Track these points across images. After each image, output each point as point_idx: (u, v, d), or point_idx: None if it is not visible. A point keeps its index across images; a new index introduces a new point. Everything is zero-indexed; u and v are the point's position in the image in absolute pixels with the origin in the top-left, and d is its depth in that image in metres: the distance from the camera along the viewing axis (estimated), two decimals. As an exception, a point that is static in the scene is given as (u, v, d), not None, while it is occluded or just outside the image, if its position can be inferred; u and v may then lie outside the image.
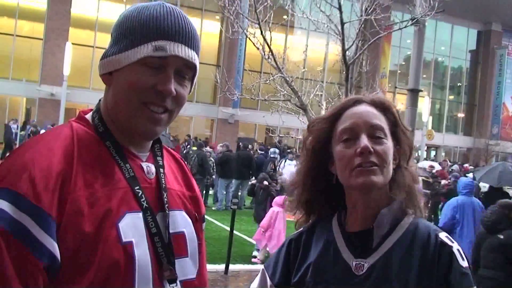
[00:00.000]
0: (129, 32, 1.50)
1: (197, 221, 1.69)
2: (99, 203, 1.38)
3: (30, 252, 1.25)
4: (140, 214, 1.46)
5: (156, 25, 1.48)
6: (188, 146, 24.82)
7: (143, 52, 1.46)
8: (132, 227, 1.42)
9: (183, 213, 1.63)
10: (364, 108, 1.74)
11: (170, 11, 1.51)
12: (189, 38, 1.51)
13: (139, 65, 1.47)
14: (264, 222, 11.11)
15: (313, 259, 1.76)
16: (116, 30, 1.54)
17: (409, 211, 1.73)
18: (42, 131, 23.44)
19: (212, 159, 18.50)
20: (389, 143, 1.70)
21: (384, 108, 1.75)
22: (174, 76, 1.50)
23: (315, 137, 1.81)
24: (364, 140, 1.66)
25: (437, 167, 24.31)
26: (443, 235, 1.68)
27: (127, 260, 1.38)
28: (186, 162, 1.86)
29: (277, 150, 22.43)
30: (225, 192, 18.19)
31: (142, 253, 1.42)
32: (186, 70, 1.54)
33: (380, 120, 1.72)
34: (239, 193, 18.15)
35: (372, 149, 1.65)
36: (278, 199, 11.53)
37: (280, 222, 11.01)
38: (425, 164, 22.81)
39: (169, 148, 1.80)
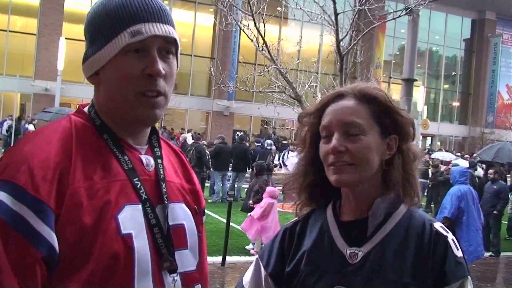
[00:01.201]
0: (102, 27, 1.49)
1: (197, 214, 1.69)
2: (98, 195, 1.38)
3: (29, 242, 1.26)
4: (139, 206, 1.46)
5: (126, 11, 1.47)
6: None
7: (121, 41, 1.45)
8: (131, 219, 1.42)
9: (183, 205, 1.62)
10: (343, 104, 1.72)
11: None
12: (161, 15, 1.50)
13: (122, 56, 1.46)
14: (258, 212, 11.12)
15: (307, 248, 1.76)
16: (89, 29, 1.54)
17: (404, 200, 1.73)
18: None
19: (208, 151, 18.51)
20: (368, 138, 1.67)
21: (367, 99, 1.72)
22: (158, 55, 1.48)
23: (308, 130, 1.82)
24: (335, 140, 1.66)
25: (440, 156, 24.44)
26: (437, 225, 1.69)
27: (126, 251, 1.38)
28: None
29: (269, 141, 22.46)
30: (221, 184, 18.22)
31: (141, 244, 1.42)
32: (168, 46, 1.52)
33: (357, 115, 1.69)
34: (236, 185, 18.18)
35: (343, 148, 1.65)
36: (271, 190, 11.55)
37: (275, 213, 11.02)
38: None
39: (170, 142, 1.80)
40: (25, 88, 29.87)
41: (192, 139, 20.42)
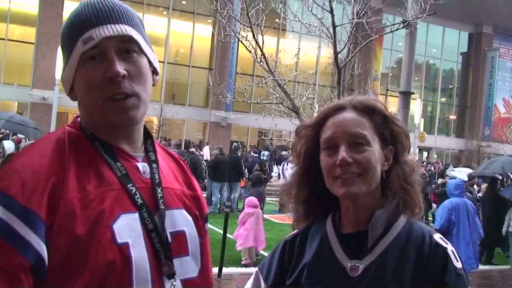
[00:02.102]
0: (64, 42, 1.52)
1: (199, 220, 1.68)
2: (92, 205, 1.38)
3: (15, 249, 1.26)
4: (136, 215, 1.45)
5: (78, 20, 1.48)
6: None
7: (77, 52, 1.45)
8: (127, 228, 1.41)
9: (183, 211, 1.61)
10: (345, 116, 1.72)
11: (88, 3, 1.51)
12: (114, 16, 1.48)
13: (83, 66, 1.46)
14: (240, 217, 11.29)
15: (308, 260, 1.75)
16: (61, 48, 1.56)
17: (404, 211, 1.74)
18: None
19: (204, 162, 18.52)
20: (373, 149, 1.68)
21: (368, 111, 1.73)
22: (118, 57, 1.46)
23: (305, 143, 1.82)
24: (343, 152, 1.66)
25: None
26: (437, 236, 1.69)
27: (123, 261, 1.37)
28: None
29: (266, 153, 22.48)
30: (219, 195, 18.21)
31: (139, 253, 1.41)
32: (127, 45, 1.49)
33: (361, 126, 1.70)
34: (231, 196, 18.16)
35: (351, 160, 1.65)
36: (250, 200, 11.63)
37: (251, 223, 11.03)
38: None
39: (168, 149, 1.79)
40: (22, 97, 29.86)
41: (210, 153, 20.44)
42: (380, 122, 1.73)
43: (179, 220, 1.58)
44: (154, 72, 1.59)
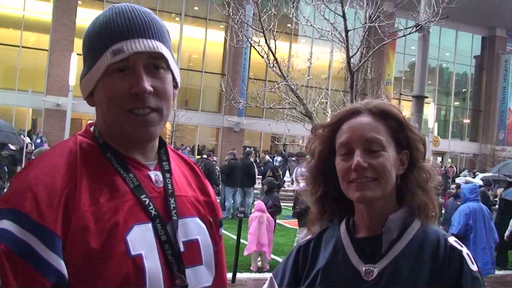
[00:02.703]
0: (90, 48, 1.49)
1: (213, 226, 1.66)
2: (105, 217, 1.36)
3: (36, 271, 1.24)
4: (149, 225, 1.43)
5: (108, 30, 1.44)
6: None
7: (104, 62, 1.43)
8: (141, 239, 1.40)
9: (197, 219, 1.59)
10: (360, 120, 1.72)
11: (120, 11, 1.47)
12: (145, 30, 1.45)
13: (108, 76, 1.44)
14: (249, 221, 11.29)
15: (322, 265, 1.75)
16: (83, 50, 1.52)
17: (418, 216, 1.72)
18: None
19: (218, 168, 18.53)
20: (388, 154, 1.68)
21: (383, 115, 1.72)
22: (146, 72, 1.44)
23: (320, 143, 1.82)
24: (358, 157, 1.66)
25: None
26: (452, 240, 1.68)
27: (137, 272, 1.36)
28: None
29: (278, 158, 22.46)
30: (232, 201, 18.21)
31: (152, 264, 1.39)
32: (156, 62, 1.47)
33: (377, 131, 1.69)
34: (245, 201, 18.15)
35: (366, 165, 1.65)
36: (259, 204, 11.61)
37: (256, 226, 11.00)
38: None
39: (182, 154, 1.78)
40: (36, 103, 30.03)
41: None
42: (395, 126, 1.72)
43: (192, 228, 1.56)
44: (175, 86, 1.58)
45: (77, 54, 26.72)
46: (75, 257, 1.30)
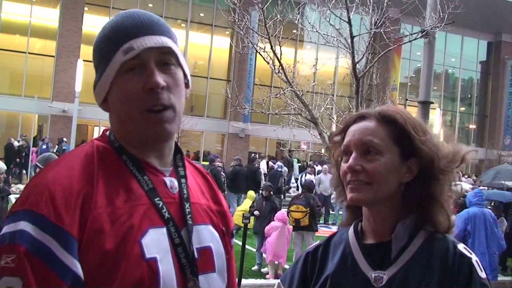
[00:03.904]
0: (101, 53, 1.50)
1: (225, 235, 1.67)
2: (120, 220, 1.37)
3: (54, 272, 1.25)
4: (164, 229, 1.44)
5: (117, 31, 1.47)
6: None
7: (116, 62, 1.45)
8: (155, 243, 1.40)
9: (210, 227, 1.60)
10: (362, 125, 1.74)
11: (126, 14, 1.51)
12: (153, 27, 1.49)
13: (121, 76, 1.46)
14: (266, 229, 11.23)
15: (331, 272, 1.75)
16: (93, 58, 1.54)
17: (425, 225, 1.71)
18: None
19: (223, 173, 18.53)
20: (385, 159, 1.68)
21: (386, 120, 1.73)
22: (157, 68, 1.46)
23: (335, 148, 1.84)
24: (351, 160, 1.69)
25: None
26: (461, 246, 1.69)
27: (151, 276, 1.36)
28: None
29: (279, 163, 22.48)
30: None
31: (166, 268, 1.40)
32: (166, 57, 1.49)
33: (376, 135, 1.70)
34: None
35: (359, 167, 1.68)
36: (280, 214, 11.57)
37: (276, 236, 10.98)
38: None
39: (195, 163, 1.78)
40: (43, 109, 30.12)
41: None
42: (399, 133, 1.71)
43: (206, 236, 1.57)
44: (187, 85, 1.59)
45: (84, 60, 26.87)
46: (90, 258, 1.31)
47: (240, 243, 10.12)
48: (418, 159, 1.71)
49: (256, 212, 12.24)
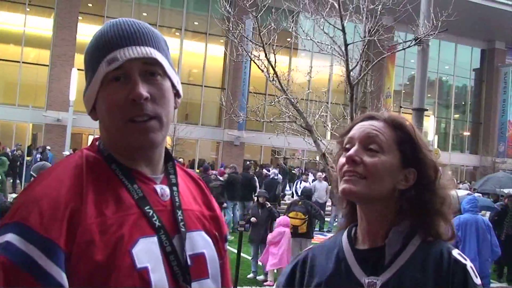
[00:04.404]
0: (88, 62, 1.51)
1: (219, 240, 1.66)
2: (110, 230, 1.37)
3: (37, 282, 1.25)
4: (155, 238, 1.43)
5: (102, 41, 1.47)
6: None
7: (101, 72, 1.45)
8: (146, 252, 1.40)
9: (203, 233, 1.59)
10: (370, 122, 1.75)
11: (113, 24, 1.50)
12: (138, 38, 1.48)
13: (105, 86, 1.46)
14: (272, 236, 11.17)
15: (325, 277, 1.75)
16: (84, 67, 1.55)
17: (420, 232, 1.71)
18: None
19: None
20: (385, 158, 1.69)
21: (394, 125, 1.74)
22: (142, 79, 1.45)
23: (341, 149, 1.83)
24: (352, 150, 1.69)
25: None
26: (455, 252, 1.67)
27: (143, 286, 1.36)
28: None
29: (274, 171, 22.52)
30: (232, 214, 18.21)
31: (158, 277, 1.40)
32: (151, 68, 1.48)
33: (380, 133, 1.71)
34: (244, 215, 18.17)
35: (358, 159, 1.67)
36: (282, 219, 11.57)
37: (286, 241, 11.01)
38: None
39: (187, 169, 1.78)
40: (37, 118, 30.08)
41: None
42: (403, 139, 1.73)
43: (199, 242, 1.56)
44: (177, 94, 1.59)
45: (78, 69, 26.89)
46: (81, 270, 1.30)
47: (236, 251, 10.11)
48: (418, 170, 1.71)
49: (252, 219, 12.22)
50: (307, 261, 1.84)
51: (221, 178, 18.18)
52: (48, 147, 26.49)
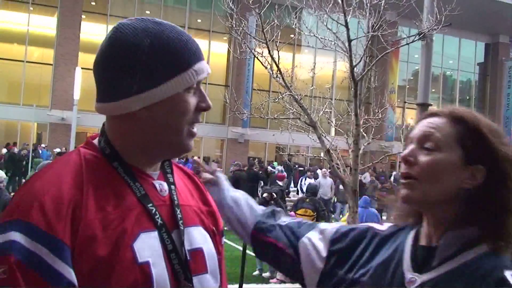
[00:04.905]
0: (160, 62, 1.45)
1: (216, 235, 1.68)
2: (112, 225, 1.37)
3: (47, 282, 1.25)
4: (155, 233, 1.45)
5: (188, 49, 1.50)
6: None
7: (190, 79, 1.47)
8: (148, 247, 1.41)
9: (201, 228, 1.61)
10: (429, 120, 1.66)
11: (187, 34, 1.55)
12: (201, 52, 1.56)
13: (184, 92, 1.48)
14: None
15: (378, 262, 1.70)
16: (133, 61, 1.44)
17: (485, 240, 1.54)
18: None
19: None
20: (441, 156, 1.57)
21: (455, 119, 1.62)
22: None
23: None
24: (406, 150, 1.62)
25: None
26: (509, 274, 1.45)
27: (145, 280, 1.37)
28: None
29: (279, 168, 22.55)
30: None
31: (159, 272, 1.41)
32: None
33: (439, 130, 1.60)
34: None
35: (412, 159, 1.59)
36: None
37: None
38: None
39: (181, 165, 1.79)
40: (41, 117, 30.14)
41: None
42: (466, 134, 1.59)
43: (197, 237, 1.57)
44: None
45: (82, 68, 26.89)
46: (83, 265, 1.31)
47: (241, 248, 10.12)
48: (487, 166, 1.56)
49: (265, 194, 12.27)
50: (379, 238, 1.79)
51: (280, 183, 17.88)
52: (43, 145, 26.54)
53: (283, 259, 1.92)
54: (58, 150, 26.13)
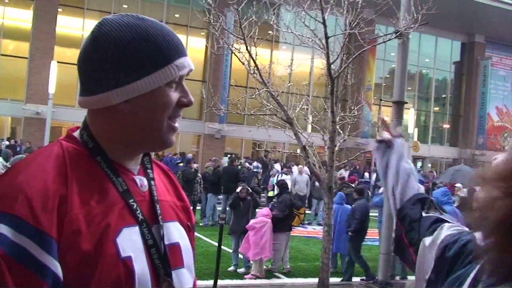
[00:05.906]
0: (143, 56, 1.46)
1: (190, 230, 1.70)
2: (96, 220, 1.38)
3: (34, 274, 1.25)
4: (136, 228, 1.46)
5: (171, 43, 1.50)
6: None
7: (171, 73, 1.48)
8: (129, 242, 1.42)
9: (177, 224, 1.63)
10: None
11: (165, 27, 1.54)
12: (184, 48, 1.56)
13: (165, 86, 1.49)
14: (254, 222, 11.32)
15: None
16: (115, 55, 1.45)
17: None
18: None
19: (199, 175, 18.49)
20: None
21: None
22: None
23: None
24: None
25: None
26: None
27: (127, 275, 1.38)
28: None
29: (256, 164, 22.55)
30: (212, 208, 18.24)
31: (141, 266, 1.42)
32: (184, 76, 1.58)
33: None
34: (227, 208, 18.19)
35: None
36: (265, 210, 11.68)
37: (268, 231, 11.12)
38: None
39: (157, 161, 1.79)
40: (16, 112, 29.85)
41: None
42: None
43: (174, 232, 1.59)
44: None
45: (57, 62, 26.63)
46: (69, 259, 1.31)
47: (216, 244, 10.11)
48: None
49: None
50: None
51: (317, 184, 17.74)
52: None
53: (406, 254, 1.92)
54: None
